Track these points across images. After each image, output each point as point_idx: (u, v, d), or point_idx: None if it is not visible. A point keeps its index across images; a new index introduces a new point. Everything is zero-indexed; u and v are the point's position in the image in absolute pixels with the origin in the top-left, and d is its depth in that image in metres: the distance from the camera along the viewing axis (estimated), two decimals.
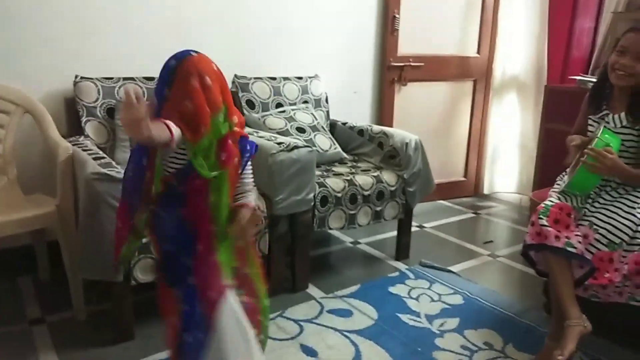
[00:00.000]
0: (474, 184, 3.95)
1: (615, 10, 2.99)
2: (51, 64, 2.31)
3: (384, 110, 3.40)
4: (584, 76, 2.94)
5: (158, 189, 1.32)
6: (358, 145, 2.83)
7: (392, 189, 2.51)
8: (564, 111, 2.88)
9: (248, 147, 1.37)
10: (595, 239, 1.70)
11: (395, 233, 2.77)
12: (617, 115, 1.80)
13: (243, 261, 1.41)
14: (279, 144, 2.14)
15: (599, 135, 1.73)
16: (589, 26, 3.19)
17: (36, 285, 2.31)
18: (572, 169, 1.86)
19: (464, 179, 3.90)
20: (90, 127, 2.22)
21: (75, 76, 2.26)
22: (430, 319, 2.12)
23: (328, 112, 2.95)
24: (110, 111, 2.27)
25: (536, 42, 3.48)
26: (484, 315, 2.16)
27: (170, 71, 1.25)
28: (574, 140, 1.87)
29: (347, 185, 2.38)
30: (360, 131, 2.83)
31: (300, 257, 2.32)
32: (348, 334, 1.98)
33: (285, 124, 2.60)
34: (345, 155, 2.75)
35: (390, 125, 3.35)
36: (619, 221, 1.71)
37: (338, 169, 2.58)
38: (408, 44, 3.34)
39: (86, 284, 2.02)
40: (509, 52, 3.65)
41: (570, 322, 1.64)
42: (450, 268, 2.61)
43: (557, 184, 1.96)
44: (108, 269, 1.75)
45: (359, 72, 3.30)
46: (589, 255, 1.69)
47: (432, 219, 3.37)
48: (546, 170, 3.03)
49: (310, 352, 1.87)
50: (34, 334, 1.95)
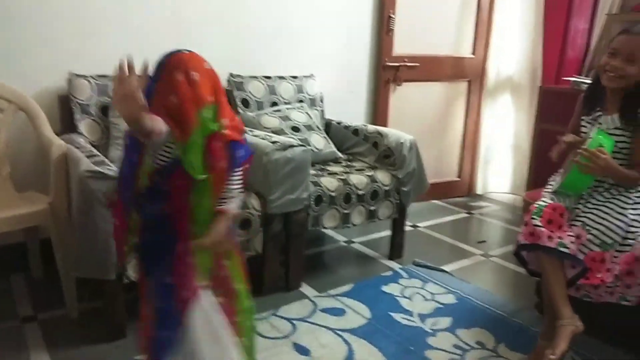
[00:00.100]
0: (468, 184, 3.96)
1: (610, 12, 3.01)
2: (45, 61, 2.30)
3: (378, 110, 3.40)
4: (578, 77, 2.95)
5: (145, 182, 1.31)
6: (353, 144, 2.83)
7: (387, 188, 2.52)
8: (558, 112, 2.89)
9: (239, 153, 1.31)
10: (588, 240, 1.71)
11: (389, 232, 2.77)
12: (611, 117, 1.81)
13: (222, 262, 1.38)
14: (273, 142, 2.14)
15: (592, 136, 1.74)
16: (584, 27, 3.20)
17: (28, 283, 2.30)
18: (566, 170, 1.87)
19: (457, 179, 3.91)
20: (84, 125, 2.22)
21: (69, 73, 2.24)
22: (423, 318, 2.12)
23: (323, 112, 2.95)
24: (104, 109, 2.26)
25: (531, 43, 3.50)
26: (476, 315, 2.17)
27: (158, 66, 1.24)
28: (568, 137, 1.88)
29: (342, 184, 2.39)
30: (355, 131, 2.83)
31: (294, 256, 2.32)
32: (341, 333, 1.99)
33: (280, 123, 2.60)
34: (339, 154, 2.75)
35: (385, 125, 3.35)
36: (611, 222, 1.72)
37: (332, 168, 2.58)
38: (403, 44, 3.35)
39: (78, 281, 2.01)
40: (504, 53, 3.67)
41: (563, 322, 1.65)
42: (443, 267, 2.62)
43: (550, 184, 1.97)
44: (101, 267, 1.75)
45: (355, 72, 3.30)
46: (581, 256, 1.70)
47: (426, 218, 3.38)
48: (539, 170, 3.04)
49: (303, 351, 1.87)
50: (25, 331, 1.94)
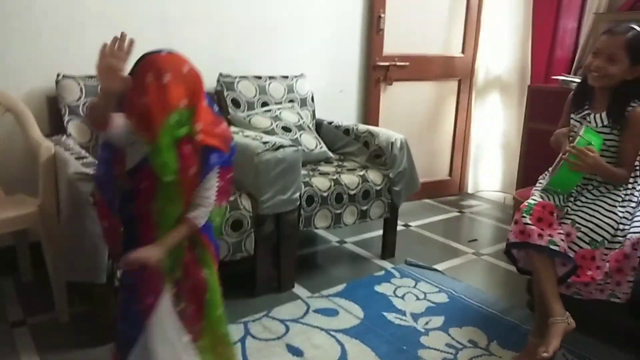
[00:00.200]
0: (459, 182, 3.98)
1: (597, 12, 3.03)
2: (33, 62, 2.27)
3: (369, 110, 3.40)
4: (566, 76, 2.97)
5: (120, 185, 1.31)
6: (344, 144, 2.83)
7: (378, 188, 2.52)
8: (547, 111, 2.91)
9: (212, 160, 1.26)
10: (578, 237, 1.73)
11: (381, 232, 2.78)
12: (599, 115, 1.82)
13: (191, 269, 1.33)
14: (264, 143, 2.14)
15: (581, 134, 1.75)
16: (572, 26, 3.22)
17: (18, 287, 2.27)
18: (555, 168, 1.88)
19: (448, 178, 3.92)
20: (72, 126, 2.19)
21: (58, 74, 2.22)
22: (415, 317, 2.13)
23: (314, 112, 2.95)
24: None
25: (520, 42, 3.52)
26: (468, 313, 2.17)
27: (134, 65, 1.22)
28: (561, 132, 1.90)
29: (333, 184, 2.38)
30: (346, 130, 2.83)
31: (286, 257, 2.31)
32: (334, 334, 1.99)
33: (271, 123, 2.59)
34: (331, 154, 2.75)
35: (376, 124, 3.35)
36: (600, 219, 1.73)
37: (324, 168, 2.58)
38: (393, 44, 3.36)
39: (69, 285, 1.99)
40: (493, 52, 3.69)
41: (554, 319, 1.66)
42: (435, 267, 2.63)
43: (540, 183, 1.98)
44: (91, 271, 1.73)
45: (345, 72, 3.30)
46: (571, 253, 1.71)
47: (418, 217, 3.39)
48: (529, 169, 3.06)
49: (296, 352, 1.86)
50: (15, 335, 1.92)
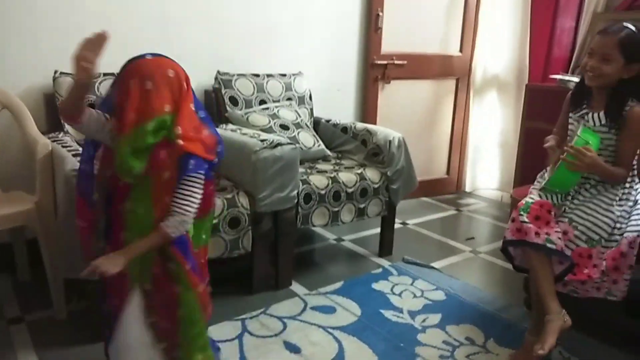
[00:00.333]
0: (456, 181, 3.98)
1: (595, 11, 3.04)
2: (30, 60, 2.27)
3: (367, 108, 3.41)
4: (564, 75, 2.98)
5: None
6: (341, 142, 2.83)
7: (376, 186, 2.52)
8: (545, 110, 2.92)
9: (189, 165, 1.23)
10: (575, 236, 1.73)
11: (378, 230, 2.78)
12: (597, 114, 1.83)
13: (161, 283, 1.30)
14: (262, 141, 2.14)
15: (578, 134, 1.76)
16: (570, 26, 3.23)
17: (15, 284, 2.26)
18: (553, 167, 1.88)
19: (446, 176, 3.93)
20: None
21: (55, 72, 2.22)
22: (412, 314, 2.13)
23: (312, 110, 2.95)
24: (91, 107, 2.22)
25: (518, 41, 3.52)
26: (465, 311, 2.18)
27: (120, 71, 1.24)
28: (549, 141, 1.91)
29: (331, 182, 2.39)
30: (344, 129, 2.83)
31: (283, 255, 2.31)
32: (331, 331, 1.99)
33: (269, 121, 2.59)
34: (328, 152, 2.75)
35: (374, 122, 3.36)
36: (597, 218, 1.74)
37: (321, 166, 2.58)
38: (391, 42, 3.36)
39: (66, 282, 1.99)
40: (491, 51, 3.69)
41: (551, 317, 1.66)
42: (432, 264, 2.63)
43: (538, 181, 1.99)
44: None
45: (343, 70, 3.30)
46: (568, 252, 1.71)
47: (415, 216, 3.40)
48: (527, 167, 3.07)
49: (294, 349, 1.87)
50: (12, 333, 1.92)
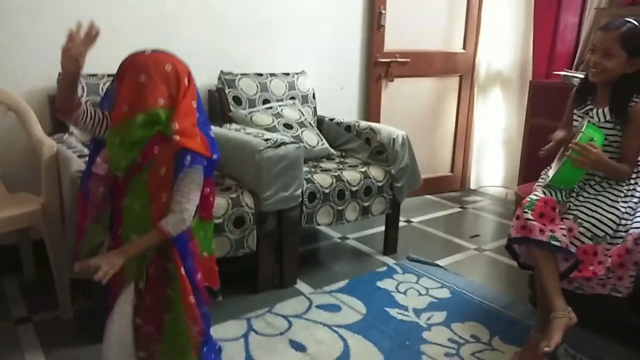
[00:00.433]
0: (461, 178, 3.97)
1: (598, 6, 3.02)
2: (34, 61, 2.27)
3: (371, 106, 3.40)
4: (568, 71, 2.97)
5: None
6: (345, 141, 2.83)
7: (380, 184, 2.52)
8: (549, 106, 2.91)
9: (186, 162, 1.21)
10: (580, 233, 1.73)
11: (383, 228, 2.78)
12: (601, 110, 1.82)
13: (154, 284, 1.29)
14: (266, 140, 2.14)
15: (583, 130, 1.75)
16: (573, 21, 3.21)
17: (21, 284, 2.28)
18: (557, 163, 1.88)
19: (450, 173, 3.92)
20: None
21: (59, 74, 2.22)
22: (417, 312, 2.14)
23: (315, 108, 2.95)
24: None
25: (521, 38, 3.51)
26: (470, 309, 2.18)
27: (118, 68, 1.26)
28: (557, 135, 1.91)
29: (335, 181, 2.39)
30: (348, 127, 2.83)
31: (288, 253, 2.32)
32: (337, 329, 1.99)
33: (273, 120, 2.59)
34: (332, 151, 2.75)
35: (377, 121, 3.35)
36: (602, 215, 1.74)
37: (325, 165, 2.58)
38: (394, 40, 3.35)
39: (72, 282, 2.00)
40: (495, 48, 3.68)
41: (556, 314, 1.66)
42: (437, 262, 2.63)
43: (542, 178, 1.98)
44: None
45: (346, 68, 3.30)
46: (573, 249, 1.71)
47: (420, 213, 3.40)
48: (531, 164, 3.06)
49: (299, 347, 1.87)
50: (19, 333, 1.93)
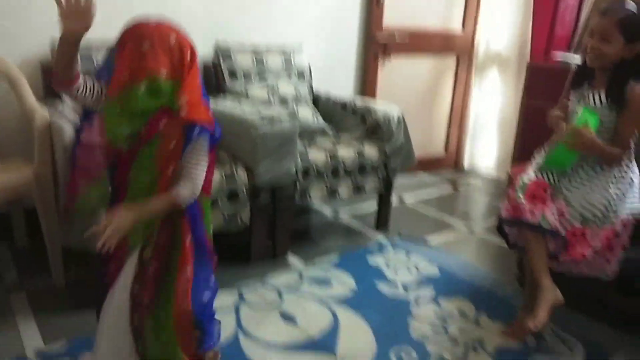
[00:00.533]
0: (455, 158, 3.99)
1: None
2: (29, 29, 2.24)
3: (367, 84, 3.39)
4: (566, 53, 2.96)
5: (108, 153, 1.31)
6: (341, 118, 2.82)
7: (374, 162, 2.53)
8: (545, 88, 2.91)
9: (194, 133, 1.23)
10: (570, 215, 1.75)
11: (375, 205, 2.80)
12: (597, 94, 1.83)
13: (159, 252, 1.30)
14: (262, 116, 2.13)
15: (578, 114, 1.76)
16: (573, 3, 3.19)
17: (13, 253, 2.28)
18: (550, 146, 1.89)
19: (445, 153, 3.93)
20: None
21: (52, 40, 2.19)
22: (407, 288, 2.17)
23: (311, 84, 2.93)
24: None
25: (520, 19, 3.48)
26: (459, 286, 2.21)
27: (120, 34, 1.22)
28: (553, 112, 1.90)
29: (329, 158, 2.39)
30: (344, 104, 2.82)
31: (281, 228, 2.33)
32: (327, 302, 2.02)
33: (268, 96, 2.58)
34: (327, 128, 2.74)
35: (373, 98, 3.34)
36: (593, 198, 1.75)
37: (320, 141, 2.58)
38: (393, 18, 3.32)
39: (65, 251, 2.01)
40: (493, 28, 3.65)
41: (543, 294, 1.69)
42: (427, 240, 2.66)
43: (535, 160, 1.99)
44: (89, 237, 1.74)
45: (344, 44, 3.27)
46: (563, 231, 1.73)
47: (412, 192, 3.41)
48: (525, 146, 3.06)
49: (290, 319, 1.90)
50: (12, 300, 1.94)
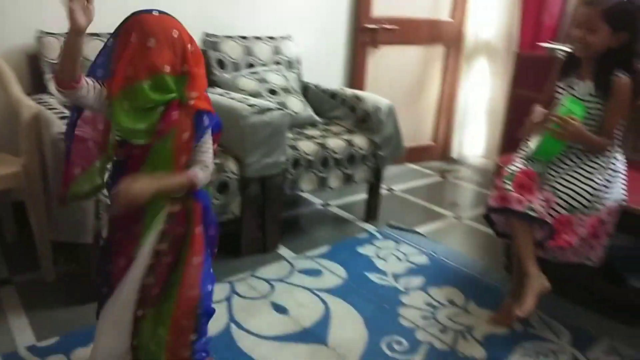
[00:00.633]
0: (443, 147, 4.01)
1: None
2: (14, 20, 2.20)
3: (356, 73, 3.38)
4: (552, 43, 2.97)
5: (111, 154, 1.31)
6: (330, 108, 2.82)
7: (363, 152, 2.54)
8: (533, 78, 2.92)
9: (205, 122, 1.25)
10: (556, 203, 1.77)
11: (364, 195, 2.81)
12: (584, 83, 1.85)
13: (173, 250, 1.30)
14: (250, 106, 2.13)
15: (564, 103, 1.78)
16: None
17: (2, 247, 2.26)
18: (537, 135, 1.90)
19: (433, 143, 3.95)
20: (54, 85, 2.15)
21: (39, 32, 2.16)
22: (396, 277, 2.19)
23: (300, 74, 2.92)
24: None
25: (509, 8, 3.49)
26: (447, 275, 2.24)
27: (122, 23, 1.19)
28: (535, 117, 1.90)
29: (319, 148, 2.40)
30: (333, 94, 2.82)
31: (271, 219, 2.34)
32: (318, 292, 2.04)
33: (257, 86, 2.57)
34: (317, 118, 2.74)
35: (362, 88, 3.34)
36: (578, 186, 1.78)
37: (310, 132, 2.58)
38: (382, 6, 3.31)
39: (53, 244, 2.00)
40: (482, 18, 3.66)
41: (530, 281, 1.72)
42: (416, 229, 2.69)
43: (523, 149, 2.01)
44: (78, 231, 1.73)
45: (332, 34, 3.26)
46: (549, 219, 1.76)
47: (401, 182, 3.43)
48: (512, 135, 3.07)
49: (281, 310, 1.92)
50: (1, 294, 1.94)
